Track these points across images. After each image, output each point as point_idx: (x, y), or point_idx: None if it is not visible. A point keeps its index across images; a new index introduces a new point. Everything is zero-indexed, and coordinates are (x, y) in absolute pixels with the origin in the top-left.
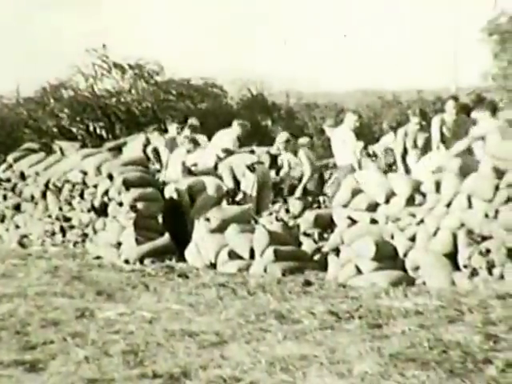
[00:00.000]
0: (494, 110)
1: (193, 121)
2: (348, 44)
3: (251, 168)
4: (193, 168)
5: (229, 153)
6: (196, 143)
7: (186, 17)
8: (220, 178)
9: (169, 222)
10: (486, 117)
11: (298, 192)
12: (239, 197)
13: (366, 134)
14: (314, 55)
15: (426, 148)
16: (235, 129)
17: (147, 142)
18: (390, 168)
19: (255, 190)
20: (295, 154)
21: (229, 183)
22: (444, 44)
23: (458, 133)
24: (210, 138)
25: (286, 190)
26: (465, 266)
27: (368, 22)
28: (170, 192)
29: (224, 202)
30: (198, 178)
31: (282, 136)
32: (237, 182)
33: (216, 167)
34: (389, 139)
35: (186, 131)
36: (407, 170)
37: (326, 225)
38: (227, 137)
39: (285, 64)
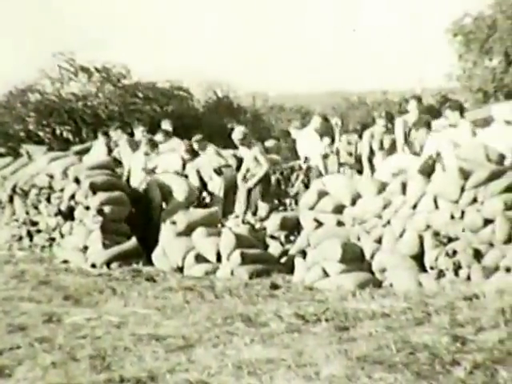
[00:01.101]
0: (461, 110)
1: (166, 125)
2: (314, 46)
3: (218, 171)
4: (157, 171)
5: (194, 154)
6: (155, 146)
7: (152, 20)
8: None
9: (138, 225)
10: (455, 118)
11: (252, 182)
12: (206, 200)
13: (332, 135)
14: (281, 58)
15: (392, 150)
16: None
17: (109, 144)
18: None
19: (222, 193)
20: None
21: (195, 185)
22: (409, 45)
23: (421, 133)
24: None
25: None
26: (431, 268)
27: (334, 26)
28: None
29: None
30: (170, 180)
31: (237, 132)
32: (203, 185)
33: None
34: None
35: (159, 135)
36: (373, 172)
37: (292, 227)
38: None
39: (251, 67)
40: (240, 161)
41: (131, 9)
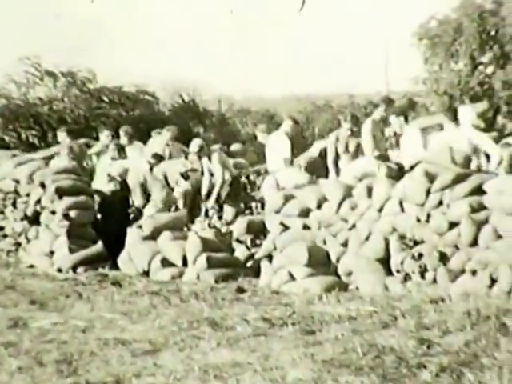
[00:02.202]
0: (405, 116)
1: (127, 128)
2: (280, 50)
3: (185, 176)
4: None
5: (159, 158)
6: (122, 150)
7: (118, 24)
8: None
9: (106, 228)
10: (400, 124)
11: (212, 199)
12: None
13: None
14: (246, 61)
15: (358, 153)
16: (165, 134)
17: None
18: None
19: (189, 197)
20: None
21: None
22: (375, 49)
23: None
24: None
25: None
26: (397, 271)
27: (298, 28)
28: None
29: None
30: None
31: (194, 145)
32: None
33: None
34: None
35: (124, 139)
36: (339, 175)
37: (258, 231)
38: (158, 143)
39: (217, 70)
40: None
41: (98, 14)
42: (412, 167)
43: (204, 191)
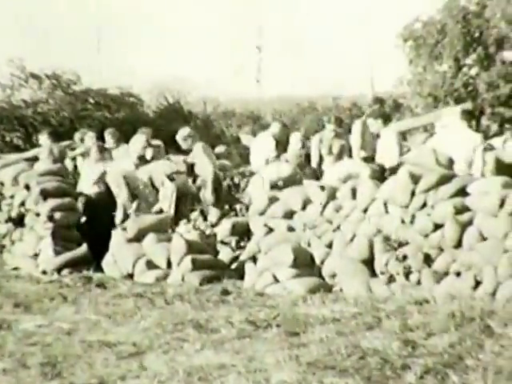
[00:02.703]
0: (385, 118)
1: (113, 131)
2: (265, 51)
3: (171, 177)
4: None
5: (144, 160)
6: (104, 153)
7: (103, 25)
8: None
9: (91, 231)
10: (378, 126)
11: (208, 190)
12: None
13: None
14: (231, 63)
15: (341, 155)
16: (141, 136)
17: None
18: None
19: (174, 199)
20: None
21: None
22: (359, 50)
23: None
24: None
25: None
26: (382, 273)
27: (283, 29)
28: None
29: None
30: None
31: (182, 132)
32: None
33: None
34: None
35: (110, 141)
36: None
37: (243, 233)
38: (138, 144)
39: (202, 72)
40: (191, 167)
41: (82, 15)
42: (394, 169)
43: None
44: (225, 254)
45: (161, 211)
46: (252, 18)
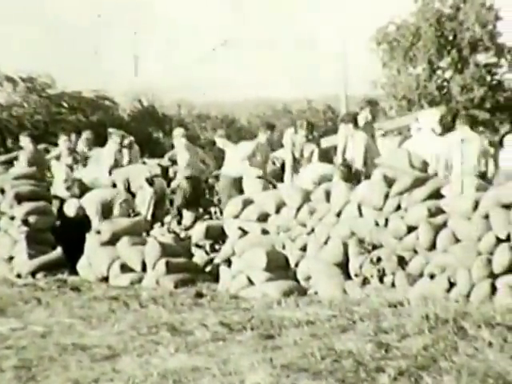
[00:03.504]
0: (355, 122)
1: (88, 135)
2: (239, 54)
3: (150, 181)
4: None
5: (120, 164)
6: (76, 157)
7: (78, 28)
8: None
9: (66, 234)
10: (349, 130)
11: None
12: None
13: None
14: (206, 65)
15: (312, 159)
16: (115, 140)
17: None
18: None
19: (152, 203)
20: None
21: (120, 189)
22: (333, 53)
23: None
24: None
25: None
26: (356, 275)
27: (257, 32)
28: (72, 207)
29: (118, 209)
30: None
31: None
32: (132, 194)
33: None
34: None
35: (81, 145)
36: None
37: (217, 236)
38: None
39: (177, 75)
40: (165, 170)
41: (58, 18)
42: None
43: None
44: (199, 257)
45: (135, 214)
46: (227, 22)
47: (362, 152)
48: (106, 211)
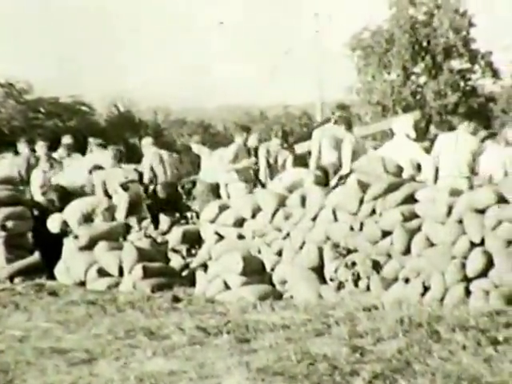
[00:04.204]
0: (349, 124)
1: (67, 139)
2: (215, 61)
3: (125, 186)
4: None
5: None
6: (53, 162)
7: (54, 33)
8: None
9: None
10: (341, 132)
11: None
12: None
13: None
14: (182, 72)
15: (286, 166)
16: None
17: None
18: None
19: (126, 208)
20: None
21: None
22: (309, 60)
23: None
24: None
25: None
26: (331, 279)
27: (233, 38)
28: (56, 222)
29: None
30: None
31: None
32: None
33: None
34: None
35: (61, 150)
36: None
37: (194, 241)
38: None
39: (153, 81)
40: (141, 175)
41: (35, 24)
42: (342, 177)
43: None
44: (176, 262)
45: (112, 219)
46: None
47: (349, 155)
48: (88, 221)
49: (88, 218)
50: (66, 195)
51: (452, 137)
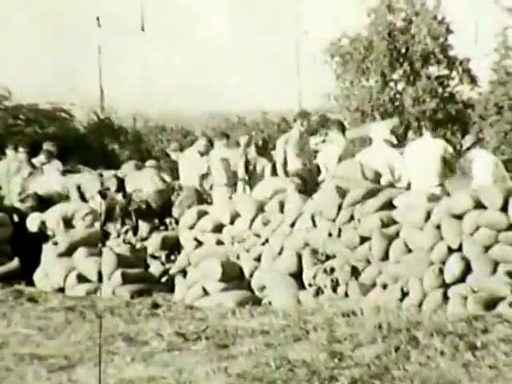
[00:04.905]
0: (343, 128)
1: (48, 146)
2: (193, 66)
3: (103, 194)
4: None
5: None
6: (33, 168)
7: (32, 41)
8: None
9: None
10: (335, 135)
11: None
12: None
13: None
14: (161, 78)
15: (264, 173)
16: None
17: None
18: None
19: (103, 214)
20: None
21: (77, 202)
22: (287, 65)
23: (304, 152)
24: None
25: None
26: (310, 285)
27: (211, 44)
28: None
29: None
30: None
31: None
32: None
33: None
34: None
35: (42, 157)
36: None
37: (173, 247)
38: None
39: (132, 87)
40: (121, 181)
41: (14, 29)
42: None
43: None
44: (155, 268)
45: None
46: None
47: (336, 159)
48: (68, 225)
49: (68, 223)
50: (44, 202)
51: (417, 147)
